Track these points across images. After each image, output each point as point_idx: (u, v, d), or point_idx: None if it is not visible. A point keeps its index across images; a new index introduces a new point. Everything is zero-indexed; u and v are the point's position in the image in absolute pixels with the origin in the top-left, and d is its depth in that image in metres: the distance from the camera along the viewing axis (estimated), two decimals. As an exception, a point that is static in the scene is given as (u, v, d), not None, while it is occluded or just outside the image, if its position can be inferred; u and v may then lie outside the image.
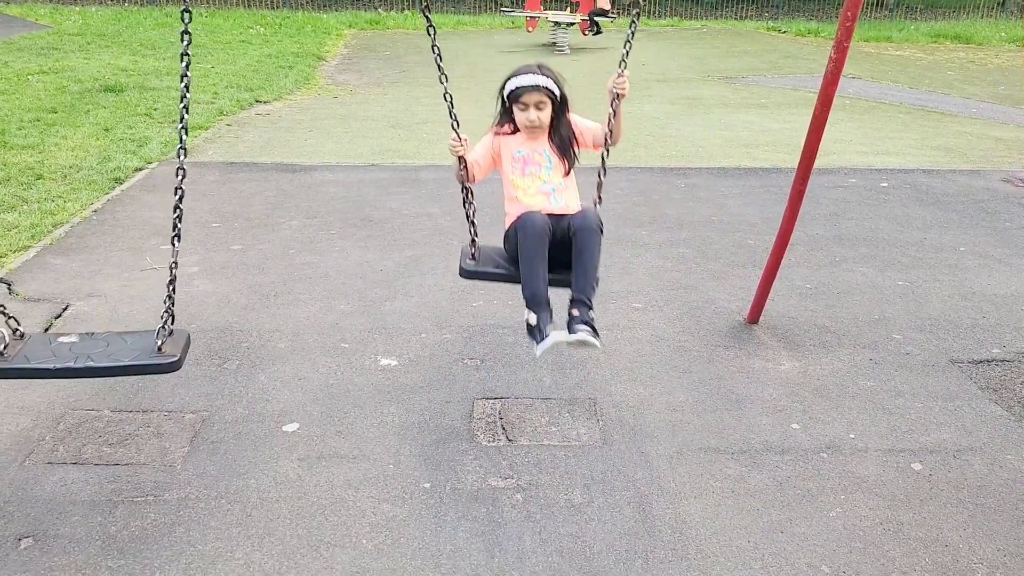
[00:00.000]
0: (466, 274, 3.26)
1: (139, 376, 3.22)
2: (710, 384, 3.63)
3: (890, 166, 7.33)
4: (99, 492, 2.82)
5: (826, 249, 5.29)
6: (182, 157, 2.65)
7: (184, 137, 2.64)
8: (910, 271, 4.95)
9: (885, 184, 6.79)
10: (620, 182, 6.64)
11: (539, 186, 3.14)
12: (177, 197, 2.65)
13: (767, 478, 3.00)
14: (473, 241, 3.31)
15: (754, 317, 4.22)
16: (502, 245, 3.30)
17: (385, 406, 3.38)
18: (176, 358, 2.62)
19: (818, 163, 4.08)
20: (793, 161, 7.24)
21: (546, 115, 3.10)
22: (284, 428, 3.22)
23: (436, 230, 5.42)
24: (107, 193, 5.92)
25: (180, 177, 2.66)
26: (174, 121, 7.75)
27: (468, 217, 3.30)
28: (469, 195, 3.27)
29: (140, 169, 6.47)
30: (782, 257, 4.04)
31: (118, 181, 6.15)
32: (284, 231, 5.33)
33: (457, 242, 5.07)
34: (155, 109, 8.38)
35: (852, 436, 3.26)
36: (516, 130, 3.19)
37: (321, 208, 5.80)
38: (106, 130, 7.49)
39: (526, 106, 3.08)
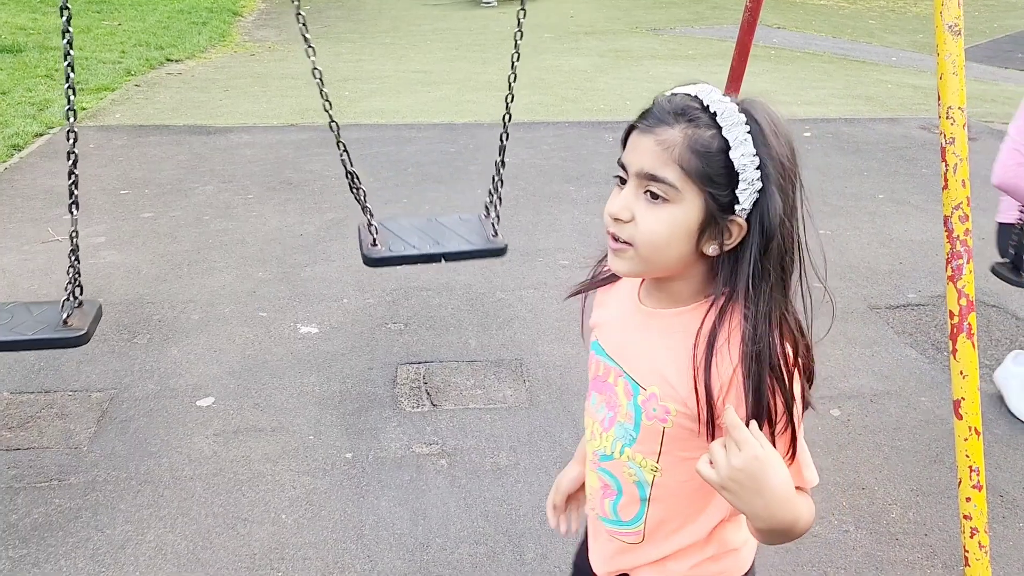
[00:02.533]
0: (372, 262, 2.87)
1: (45, 351, 3.06)
2: (636, 339, 3.62)
3: (813, 116, 7.41)
4: (-1, 479, 2.68)
5: (750, 200, 5.32)
6: (71, 120, 2.48)
7: (72, 98, 2.47)
8: (831, 219, 5.01)
9: (808, 134, 6.86)
10: (547, 137, 6.56)
11: (592, 453, 1.30)
12: (71, 162, 2.49)
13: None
14: (369, 223, 2.89)
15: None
16: None
17: (305, 375, 3.28)
18: (83, 331, 2.47)
19: (739, 114, 4.07)
20: (717, 112, 7.25)
21: (654, 222, 1.08)
22: (198, 403, 3.09)
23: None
24: (4, 161, 5.57)
25: (72, 141, 2.48)
26: (77, 82, 7.33)
27: (357, 195, 2.83)
28: (354, 179, 2.81)
29: (41, 135, 6.11)
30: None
31: (16, 148, 5.79)
32: (198, 197, 5.11)
33: (381, 202, 4.93)
34: (56, 70, 7.91)
35: (774, 385, 3.29)
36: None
37: (237, 172, 5.57)
38: (3, 93, 7.04)
39: (622, 177, 1.12)
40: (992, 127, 7.01)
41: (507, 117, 2.95)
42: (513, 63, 2.85)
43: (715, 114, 1.05)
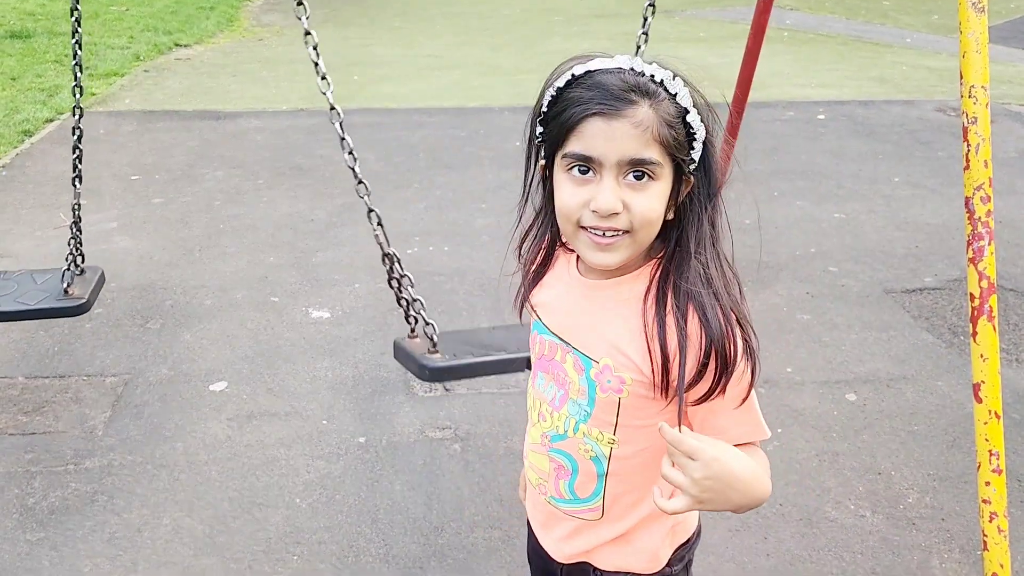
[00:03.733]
0: (434, 374, 2.30)
1: (60, 328, 3.07)
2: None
3: (827, 98, 7.33)
4: (15, 463, 2.68)
5: (764, 183, 5.27)
6: (77, 95, 2.52)
7: (79, 95, 2.52)
8: (846, 203, 4.97)
9: (822, 116, 6.79)
10: (558, 121, 6.52)
11: (540, 436, 1.27)
12: (75, 137, 2.54)
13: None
14: (413, 328, 2.35)
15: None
16: None
17: (318, 360, 3.28)
18: (83, 300, 2.49)
19: (756, 96, 4.04)
20: (732, 95, 7.22)
21: (648, 202, 1.06)
22: (212, 388, 3.10)
23: (369, 176, 5.21)
24: (16, 147, 5.58)
25: (78, 117, 2.53)
26: (86, 68, 7.33)
27: (399, 296, 2.35)
28: (396, 263, 2.25)
29: (51, 120, 6.12)
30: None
31: (27, 134, 5.80)
32: (208, 182, 5.11)
33: (392, 187, 4.92)
34: (66, 56, 7.89)
35: (789, 370, 3.27)
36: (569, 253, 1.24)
37: (247, 157, 5.56)
38: (13, 79, 7.04)
39: (585, 166, 1.06)
40: (1010, 109, 6.92)
41: None
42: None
43: (662, 82, 1.04)
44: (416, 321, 2.37)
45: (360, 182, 2.30)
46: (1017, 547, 2.35)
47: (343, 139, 2.32)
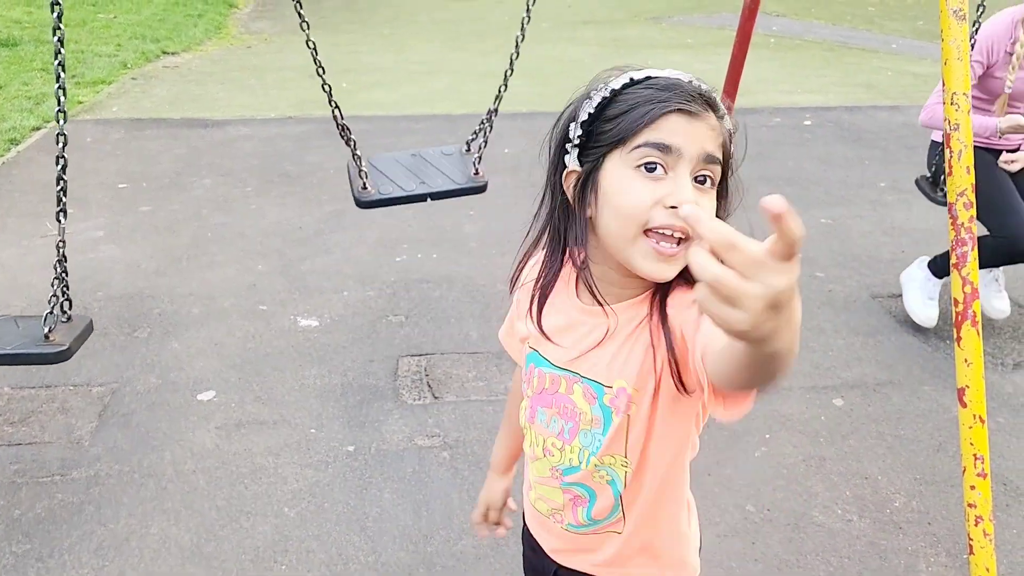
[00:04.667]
0: (363, 204, 2.83)
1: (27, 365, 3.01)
2: (637, 330, 3.61)
3: (813, 104, 7.38)
4: (1, 474, 2.67)
5: (751, 190, 5.27)
6: (62, 122, 2.37)
7: (63, 99, 2.37)
8: (833, 208, 5.00)
9: (809, 122, 6.84)
10: (545, 128, 6.51)
11: (550, 470, 1.25)
12: (60, 167, 2.34)
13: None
14: (359, 167, 2.84)
15: (680, 260, 4.20)
16: None
17: (306, 368, 3.28)
18: (64, 347, 2.33)
19: (742, 103, 4.06)
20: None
21: (711, 205, 1.10)
22: (199, 397, 3.09)
23: (358, 183, 5.25)
24: (2, 155, 5.55)
25: (61, 145, 2.34)
26: (73, 76, 7.30)
27: (348, 140, 2.82)
28: (345, 129, 2.80)
29: (38, 128, 6.08)
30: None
31: (14, 142, 5.77)
32: (196, 190, 5.09)
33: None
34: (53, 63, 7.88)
35: (777, 375, 3.28)
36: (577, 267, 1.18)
37: (235, 165, 5.55)
38: None
39: (655, 163, 1.04)
40: (993, 114, 6.98)
41: (508, 71, 2.98)
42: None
43: (712, 100, 1.07)
44: (360, 160, 2.85)
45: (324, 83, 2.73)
46: (1002, 550, 2.36)
47: (344, 125, 2.77)
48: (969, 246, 1.92)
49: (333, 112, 2.77)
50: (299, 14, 2.67)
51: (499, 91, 2.96)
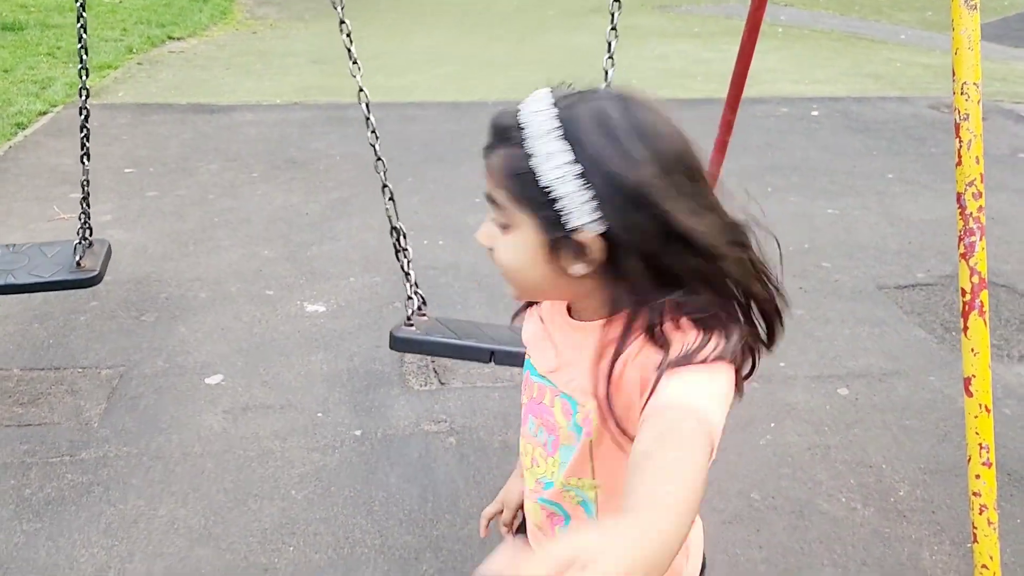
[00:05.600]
0: (394, 343, 2.40)
1: (44, 312, 3.12)
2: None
3: (821, 94, 7.36)
4: (11, 454, 2.69)
5: (758, 179, 5.29)
6: (84, 96, 2.58)
7: (85, 76, 2.58)
8: (840, 199, 4.99)
9: (816, 113, 6.82)
10: (553, 116, 6.52)
11: (535, 482, 1.21)
12: (83, 117, 2.66)
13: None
14: (410, 299, 2.46)
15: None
16: None
17: (312, 354, 3.29)
18: (95, 272, 2.55)
19: (750, 92, 4.05)
20: (726, 91, 7.22)
21: (504, 250, 1.02)
22: (207, 381, 3.10)
23: (364, 170, 5.22)
24: (9, 139, 5.56)
25: (84, 98, 2.64)
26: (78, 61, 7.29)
27: (402, 266, 2.46)
28: (401, 236, 2.39)
29: (44, 113, 6.10)
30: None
31: (21, 126, 5.78)
32: (202, 175, 5.10)
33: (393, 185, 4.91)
34: (59, 48, 7.87)
35: (782, 364, 3.29)
36: None
37: (241, 150, 5.56)
38: (5, 71, 7.01)
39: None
40: (1002, 106, 6.96)
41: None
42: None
43: (522, 128, 0.94)
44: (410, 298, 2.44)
45: (379, 159, 2.49)
46: (1006, 539, 2.37)
47: (368, 118, 2.57)
48: (977, 236, 1.92)
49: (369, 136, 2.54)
50: (333, 4, 2.53)
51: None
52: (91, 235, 2.67)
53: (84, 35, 2.67)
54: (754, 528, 2.48)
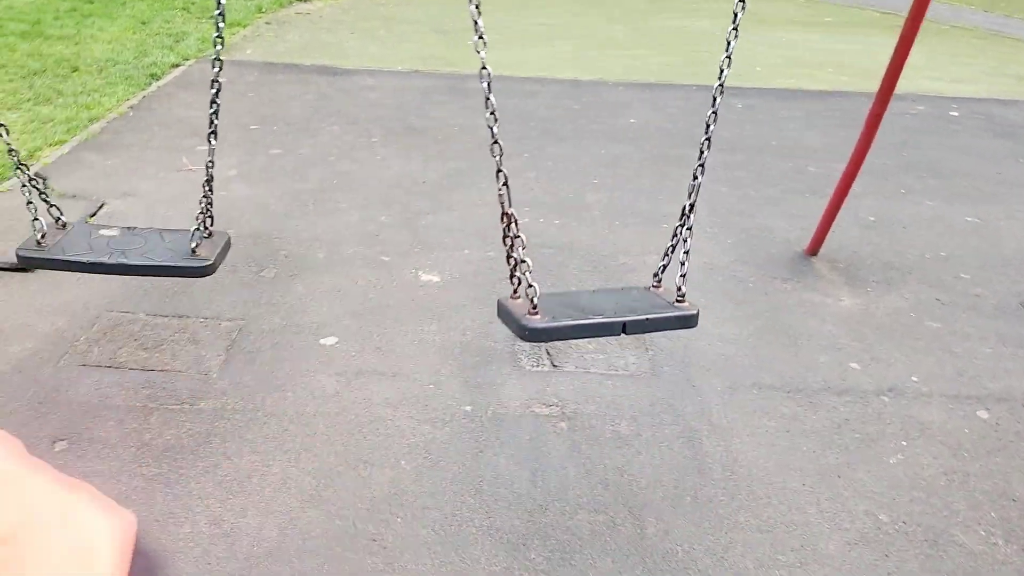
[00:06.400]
0: (534, 334, 2.28)
1: (174, 278, 3.12)
2: (765, 317, 3.45)
3: (961, 94, 6.91)
4: (134, 398, 2.76)
5: (892, 179, 5.00)
6: (219, 47, 2.49)
7: (220, 46, 2.49)
8: (981, 206, 4.66)
9: (955, 113, 6.40)
10: (673, 100, 6.33)
11: None
12: (214, 91, 2.49)
13: (824, 419, 2.85)
14: (516, 289, 2.36)
15: (814, 248, 4.00)
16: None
17: (426, 324, 3.26)
18: (209, 262, 2.51)
19: (876, 86, 3.79)
20: (860, 85, 6.87)
21: None
22: (322, 341, 3.11)
23: (482, 143, 5.19)
24: (143, 89, 5.75)
25: (217, 69, 2.47)
26: (210, 16, 7.48)
27: (509, 254, 2.32)
28: (514, 223, 2.26)
29: (177, 65, 6.28)
30: (851, 186, 3.78)
31: (155, 77, 5.97)
32: (324, 136, 5.15)
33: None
34: (193, 3, 8.11)
35: (915, 379, 3.08)
36: None
37: (362, 114, 5.59)
38: (143, 23, 7.27)
39: None
40: None
41: None
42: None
43: None
44: (519, 283, 2.35)
45: (495, 142, 2.26)
46: None
47: (488, 98, 2.29)
48: None
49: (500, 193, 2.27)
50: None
51: None
52: (212, 224, 2.59)
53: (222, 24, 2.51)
54: (882, 553, 2.32)
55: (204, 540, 2.23)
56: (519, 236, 2.32)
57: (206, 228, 2.57)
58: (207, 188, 2.55)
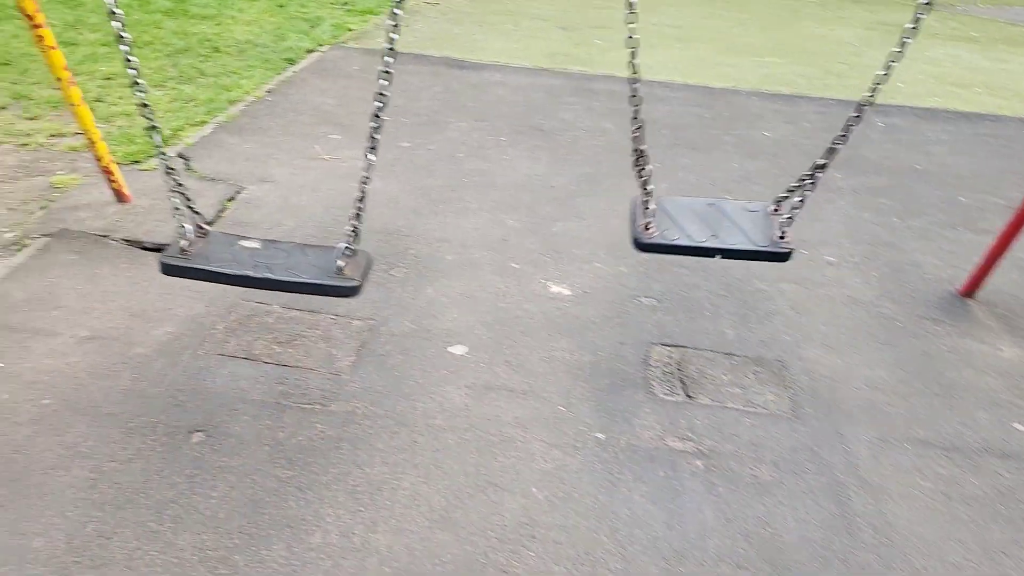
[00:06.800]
0: (642, 247, 2.70)
1: (320, 296, 3.11)
2: (917, 363, 3.21)
3: None
4: (268, 393, 2.76)
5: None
6: (389, 59, 2.42)
7: (397, 15, 2.41)
8: None
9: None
10: (809, 113, 6.04)
11: None
12: (374, 126, 2.43)
13: (987, 485, 2.62)
14: (646, 202, 2.71)
15: (970, 290, 3.71)
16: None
17: (556, 339, 3.17)
18: (356, 283, 2.46)
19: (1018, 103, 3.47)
20: (1016, 109, 6.40)
21: None
22: (451, 350, 3.06)
23: (611, 147, 5.06)
24: (279, 73, 5.84)
25: (388, 62, 2.40)
26: (345, 3, 7.57)
27: (640, 171, 2.67)
28: (640, 157, 2.64)
29: (312, 51, 6.36)
30: (1022, 226, 3.48)
31: (291, 62, 6.06)
32: (452, 132, 5.11)
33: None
34: (328, -12, 8.23)
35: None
36: None
37: (489, 111, 5.53)
38: (280, 6, 7.41)
39: None
40: None
41: None
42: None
43: None
44: (649, 195, 2.69)
45: (639, 164, 2.62)
46: None
47: (635, 112, 2.58)
48: None
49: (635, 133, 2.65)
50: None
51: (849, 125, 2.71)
52: (356, 241, 2.51)
53: None
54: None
55: (335, 553, 2.19)
56: (647, 167, 2.65)
57: (351, 248, 2.50)
58: (360, 205, 2.47)
